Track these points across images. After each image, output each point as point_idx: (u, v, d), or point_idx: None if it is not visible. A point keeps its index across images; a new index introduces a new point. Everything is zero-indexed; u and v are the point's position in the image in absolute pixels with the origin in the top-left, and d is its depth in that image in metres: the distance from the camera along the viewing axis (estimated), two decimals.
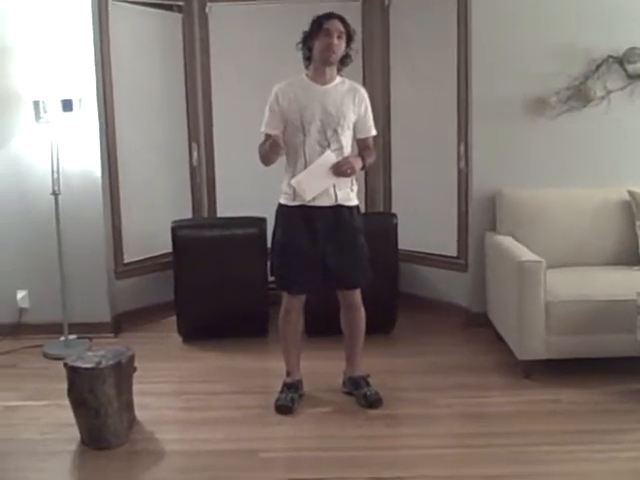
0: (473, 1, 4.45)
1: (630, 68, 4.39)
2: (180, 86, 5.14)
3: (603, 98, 4.43)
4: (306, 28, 3.52)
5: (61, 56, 4.42)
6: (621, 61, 4.38)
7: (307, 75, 3.57)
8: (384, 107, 5.04)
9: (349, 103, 3.54)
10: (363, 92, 3.62)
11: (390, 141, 5.10)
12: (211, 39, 5.13)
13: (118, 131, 4.77)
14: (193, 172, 5.26)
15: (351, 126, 3.58)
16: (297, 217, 3.55)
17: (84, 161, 4.57)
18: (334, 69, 3.55)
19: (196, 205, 5.29)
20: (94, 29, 4.50)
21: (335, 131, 3.50)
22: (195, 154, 5.23)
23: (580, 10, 4.40)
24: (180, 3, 5.06)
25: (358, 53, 3.98)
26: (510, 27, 4.44)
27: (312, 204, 3.52)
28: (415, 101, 4.95)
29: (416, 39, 4.90)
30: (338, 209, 3.55)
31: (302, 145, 3.51)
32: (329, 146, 3.50)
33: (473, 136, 4.57)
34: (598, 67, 4.40)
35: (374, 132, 3.69)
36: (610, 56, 4.38)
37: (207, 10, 5.09)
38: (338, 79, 3.58)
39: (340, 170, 3.47)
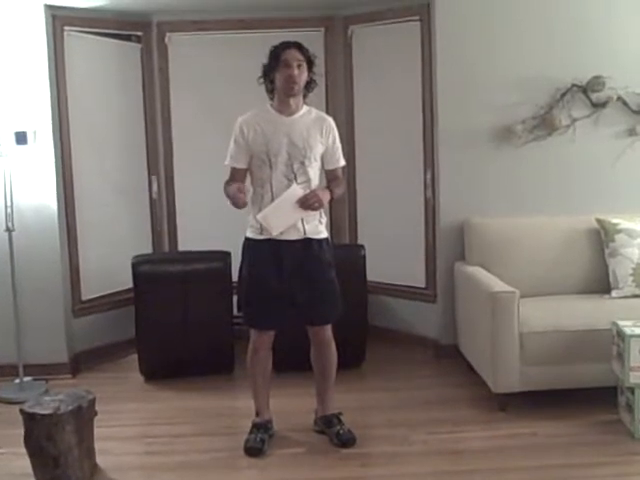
0: (437, 30, 4.44)
1: (594, 97, 4.41)
2: (139, 117, 5.02)
3: (568, 126, 4.44)
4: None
5: (14, 87, 4.30)
6: (585, 90, 4.40)
7: (272, 106, 3.49)
8: (348, 136, 4.98)
9: (316, 134, 3.46)
10: (331, 122, 3.54)
11: (355, 170, 5.04)
12: (170, 69, 5.05)
13: (74, 164, 4.64)
14: (153, 205, 5.12)
15: (318, 158, 3.49)
16: (264, 251, 3.44)
17: (39, 196, 4.42)
18: (299, 98, 3.47)
19: (156, 239, 5.15)
20: (49, 59, 4.39)
21: (302, 163, 3.42)
22: (155, 186, 5.11)
23: (544, 40, 4.42)
24: (139, 33, 4.96)
25: (322, 76, 3.91)
26: (475, 56, 4.44)
27: (280, 238, 3.42)
28: (380, 130, 4.91)
29: (380, 68, 4.87)
30: (307, 242, 3.45)
31: (268, 179, 3.41)
32: (296, 179, 3.41)
33: (440, 165, 4.53)
34: (563, 96, 4.41)
35: (343, 162, 3.61)
36: (574, 85, 4.40)
37: (166, 40, 5.00)
38: (304, 109, 3.50)
39: (307, 204, 3.37)
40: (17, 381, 4.31)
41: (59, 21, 4.49)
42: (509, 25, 4.43)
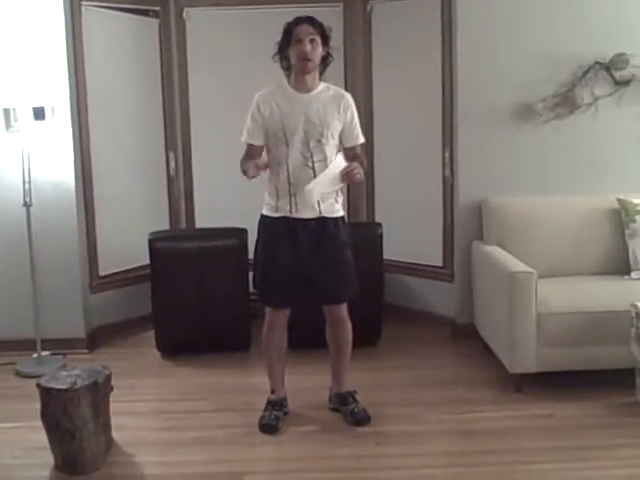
0: (458, 7, 4.37)
1: (617, 74, 4.32)
2: (157, 93, 5.01)
3: (590, 105, 4.36)
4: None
5: (32, 62, 4.29)
6: (608, 67, 4.32)
7: (289, 82, 3.44)
8: (367, 114, 4.92)
9: (333, 111, 3.41)
10: (349, 98, 3.49)
11: (373, 148, 4.99)
12: (188, 45, 5.01)
13: (92, 140, 4.63)
14: (170, 182, 5.12)
15: (336, 135, 3.44)
16: (280, 229, 3.42)
17: (57, 171, 4.42)
18: (315, 75, 3.42)
19: (174, 216, 5.15)
20: (67, 35, 4.37)
21: (319, 141, 3.37)
22: (172, 163, 5.10)
23: (567, 16, 4.34)
24: (156, 8, 4.93)
25: (339, 51, 3.85)
26: (496, 33, 4.37)
27: (296, 216, 3.39)
28: (399, 107, 4.86)
29: (399, 45, 4.81)
30: (322, 221, 3.42)
31: (285, 156, 3.38)
32: (312, 157, 3.37)
33: (459, 143, 4.48)
34: (585, 73, 4.33)
35: (362, 140, 3.55)
36: (597, 62, 4.31)
37: (184, 15, 4.96)
38: (322, 85, 3.45)
39: (350, 174, 3.31)
40: (35, 355, 4.34)
41: None
42: (531, 1, 4.35)
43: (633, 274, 4.09)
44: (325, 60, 3.42)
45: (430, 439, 3.40)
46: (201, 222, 5.11)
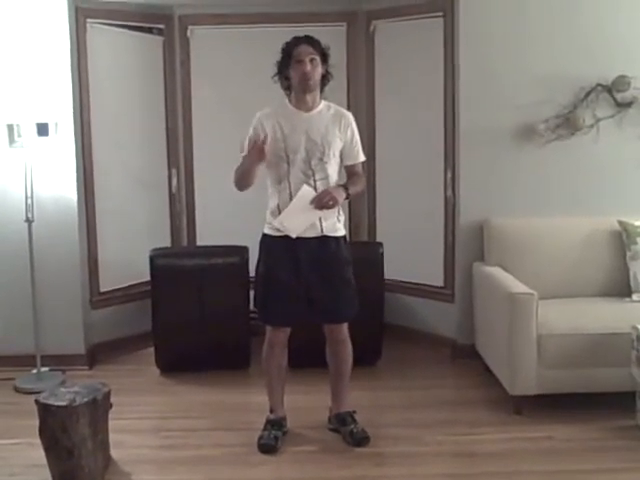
0: (460, 26, 4.40)
1: (619, 96, 4.34)
2: (160, 110, 5.02)
3: (592, 126, 4.37)
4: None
5: (37, 79, 4.30)
6: (610, 89, 4.33)
7: (290, 102, 3.46)
8: (369, 132, 4.95)
9: (334, 130, 3.44)
10: (349, 117, 3.51)
11: (375, 168, 5.01)
12: (192, 62, 5.04)
13: (95, 156, 4.65)
14: (172, 199, 5.12)
15: (337, 154, 3.47)
16: (281, 248, 3.43)
17: (59, 187, 4.43)
18: (316, 94, 3.44)
19: (175, 233, 5.15)
20: (71, 51, 4.40)
21: (320, 160, 3.39)
22: (174, 180, 5.11)
23: (569, 38, 4.36)
24: (161, 26, 4.95)
25: (342, 69, 3.85)
26: (498, 54, 4.39)
27: (297, 235, 3.40)
28: (401, 127, 4.88)
29: (402, 64, 4.83)
30: (324, 240, 3.43)
31: (286, 175, 3.39)
32: (314, 175, 3.39)
33: (460, 164, 4.49)
34: (587, 95, 4.34)
35: (362, 158, 3.58)
36: (599, 84, 4.33)
37: (188, 33, 4.99)
38: (322, 104, 3.47)
39: (321, 203, 3.34)
40: (34, 371, 4.33)
41: (82, 13, 4.49)
42: (533, 22, 4.37)
43: (634, 296, 4.09)
44: (324, 78, 3.44)
45: (430, 461, 3.38)
46: (202, 239, 5.11)
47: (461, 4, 4.38)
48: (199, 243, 5.13)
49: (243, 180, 3.44)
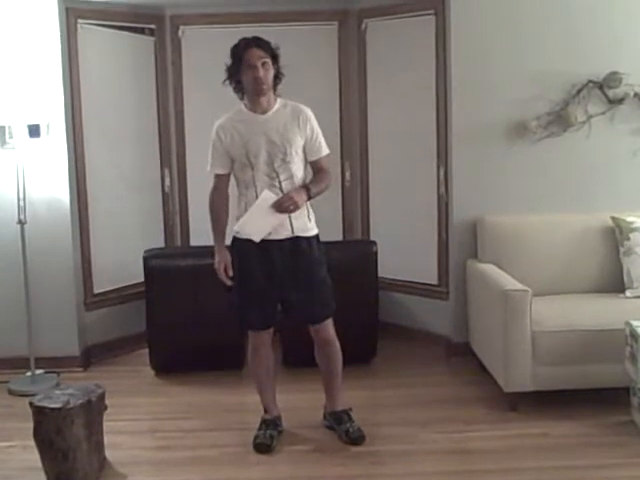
0: (452, 24, 4.39)
1: (611, 93, 4.35)
2: (152, 111, 5.01)
3: (584, 123, 4.38)
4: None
5: (28, 80, 4.29)
6: (601, 86, 4.34)
7: (245, 106, 3.43)
8: (361, 131, 4.95)
9: (294, 127, 3.38)
10: (307, 112, 3.44)
11: (368, 166, 5.01)
12: (184, 63, 5.03)
13: (87, 157, 4.63)
14: (165, 199, 5.11)
15: (300, 152, 3.41)
16: (253, 251, 3.38)
17: (52, 188, 4.41)
18: (270, 95, 3.39)
19: (168, 233, 5.14)
20: (62, 52, 4.38)
21: (283, 160, 3.35)
22: (167, 180, 5.10)
23: (560, 35, 4.36)
24: (152, 26, 4.94)
25: (332, 67, 3.79)
26: (490, 51, 4.39)
27: (268, 237, 3.36)
28: (393, 125, 4.87)
29: (394, 62, 4.83)
30: (295, 241, 3.39)
31: (252, 180, 3.36)
32: (278, 177, 3.35)
33: (453, 161, 4.49)
34: (579, 92, 4.35)
35: (326, 151, 3.50)
36: (590, 81, 4.34)
37: (180, 33, 4.98)
38: (278, 103, 3.42)
39: (281, 208, 3.30)
40: (29, 374, 4.32)
41: (73, 14, 4.48)
42: (525, 19, 4.37)
43: (627, 292, 4.09)
44: (277, 78, 3.39)
45: (425, 459, 3.38)
46: (196, 239, 5.09)
47: (452, 2, 4.37)
48: (192, 243, 5.12)
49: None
